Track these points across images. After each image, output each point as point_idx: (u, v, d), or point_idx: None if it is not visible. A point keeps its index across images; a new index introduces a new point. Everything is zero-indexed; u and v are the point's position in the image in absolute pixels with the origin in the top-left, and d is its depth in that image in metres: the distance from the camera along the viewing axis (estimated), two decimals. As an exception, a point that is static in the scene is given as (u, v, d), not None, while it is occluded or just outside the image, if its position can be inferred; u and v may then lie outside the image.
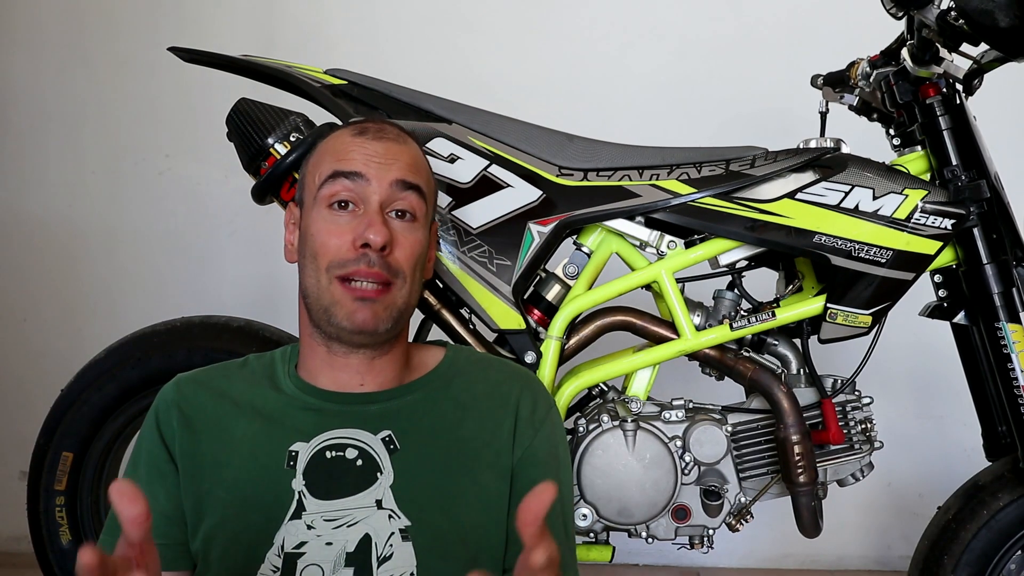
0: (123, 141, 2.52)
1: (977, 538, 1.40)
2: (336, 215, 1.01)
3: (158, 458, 1.02)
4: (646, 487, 1.40)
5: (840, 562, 2.49)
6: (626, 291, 1.45)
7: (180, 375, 1.08)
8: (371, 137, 1.05)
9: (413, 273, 1.03)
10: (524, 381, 1.11)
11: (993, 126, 1.56)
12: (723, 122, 2.42)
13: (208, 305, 1.91)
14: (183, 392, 1.05)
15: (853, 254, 1.36)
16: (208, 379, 1.07)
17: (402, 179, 1.02)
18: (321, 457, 0.99)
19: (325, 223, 1.02)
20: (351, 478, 0.99)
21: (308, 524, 0.97)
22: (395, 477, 0.99)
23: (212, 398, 1.04)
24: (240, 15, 2.52)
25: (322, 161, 1.05)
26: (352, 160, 1.02)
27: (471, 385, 1.08)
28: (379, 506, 0.98)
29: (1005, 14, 1.19)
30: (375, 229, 0.98)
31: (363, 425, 1.02)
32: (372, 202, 1.01)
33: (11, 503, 1.95)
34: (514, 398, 1.07)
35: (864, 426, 1.44)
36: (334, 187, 1.01)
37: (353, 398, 1.04)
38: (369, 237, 0.98)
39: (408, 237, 1.03)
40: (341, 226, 1.01)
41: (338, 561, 0.96)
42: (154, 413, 1.04)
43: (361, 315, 0.99)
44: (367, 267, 0.99)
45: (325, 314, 1.01)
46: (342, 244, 1.00)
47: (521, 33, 2.52)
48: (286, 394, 1.05)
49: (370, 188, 1.01)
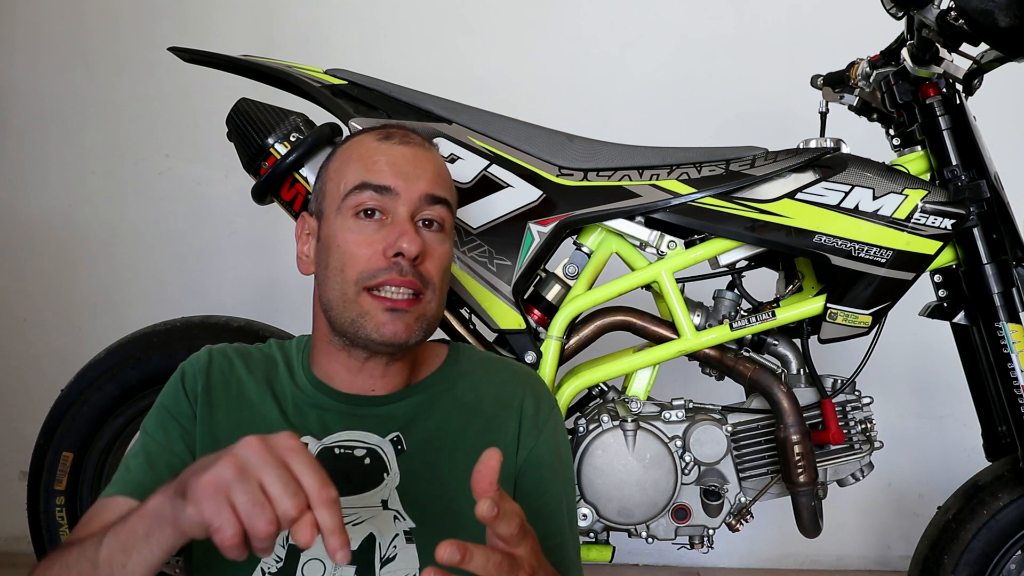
0: (123, 141, 2.52)
1: (977, 538, 1.40)
2: (363, 224, 0.99)
3: (180, 411, 1.01)
4: (646, 487, 1.40)
5: (840, 562, 2.49)
6: (626, 291, 1.45)
7: (210, 346, 1.08)
8: (397, 142, 1.02)
9: (442, 284, 1.02)
10: (527, 382, 1.11)
11: (993, 126, 1.56)
12: (723, 122, 2.42)
13: (208, 305, 1.91)
14: (213, 361, 1.05)
15: (853, 254, 1.36)
16: (237, 355, 1.07)
17: (430, 193, 1.00)
18: (329, 454, 1.00)
19: (353, 233, 0.99)
20: (358, 476, 0.98)
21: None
22: (401, 479, 0.99)
23: (238, 375, 1.04)
24: (240, 15, 2.52)
25: (347, 170, 1.02)
26: (380, 171, 1.00)
27: (475, 387, 1.08)
28: (384, 506, 0.98)
29: (1005, 14, 1.19)
30: (408, 238, 0.97)
31: (372, 428, 1.02)
32: (401, 212, 0.99)
33: (11, 503, 1.96)
34: (518, 400, 1.07)
35: (864, 426, 1.44)
36: (361, 197, 0.99)
37: (364, 400, 1.03)
38: (403, 246, 0.96)
39: (438, 248, 1.01)
40: (370, 236, 0.99)
41: None
42: (180, 373, 1.04)
43: (391, 327, 0.97)
44: (399, 275, 0.97)
45: (352, 326, 0.99)
46: (372, 254, 0.98)
47: (521, 33, 2.52)
48: (300, 389, 1.05)
49: (399, 200, 0.99)
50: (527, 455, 1.05)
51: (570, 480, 1.11)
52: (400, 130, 1.06)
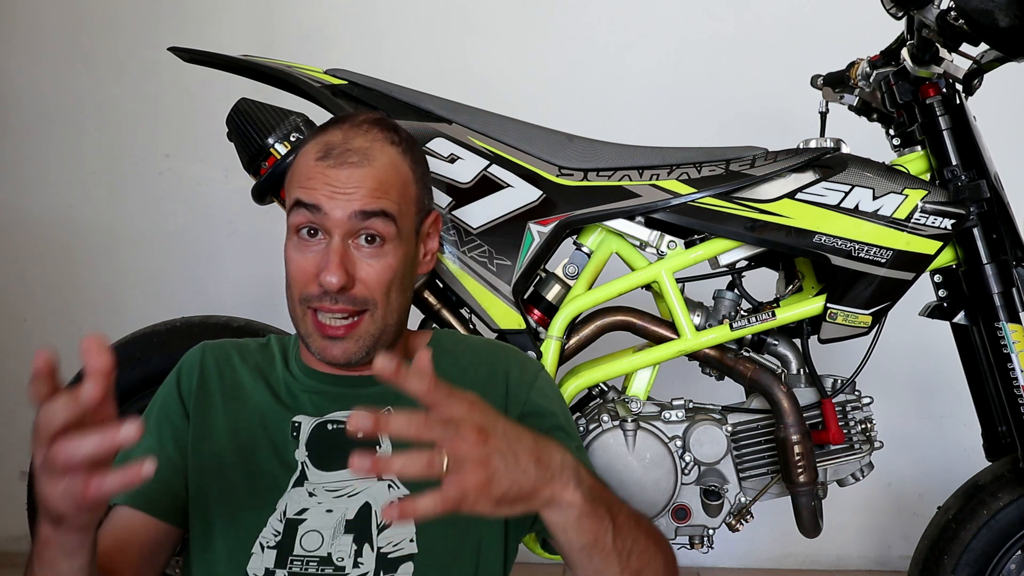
0: (123, 141, 2.52)
1: (977, 538, 1.40)
2: (303, 243, 1.01)
3: (172, 411, 1.05)
4: (646, 487, 1.40)
5: (840, 562, 2.49)
6: (626, 291, 1.45)
7: (206, 342, 1.12)
8: (332, 164, 1.00)
9: (386, 296, 1.02)
10: (509, 351, 1.16)
11: (993, 126, 1.55)
12: (723, 122, 2.42)
13: (208, 305, 1.91)
14: (207, 357, 1.09)
15: (853, 254, 1.36)
16: (234, 350, 1.11)
17: (362, 210, 0.99)
18: (323, 429, 1.03)
19: (294, 251, 1.02)
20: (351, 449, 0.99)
21: (310, 492, 1.00)
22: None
23: (232, 368, 1.08)
24: (240, 15, 2.52)
25: (292, 184, 1.04)
26: (312, 191, 0.99)
27: (458, 360, 1.11)
28: (378, 477, 1.00)
29: (1005, 14, 1.19)
30: (330, 271, 0.97)
31: (363, 406, 1.03)
32: (334, 236, 0.99)
33: (11, 503, 1.96)
34: (501, 366, 1.11)
35: (864, 426, 1.44)
36: (298, 217, 1.01)
37: (353, 381, 1.06)
38: (325, 279, 0.98)
39: (375, 265, 1.01)
40: (308, 258, 1.01)
41: (338, 527, 0.98)
42: (176, 371, 1.09)
43: (331, 351, 1.02)
44: (331, 304, 1.00)
45: (305, 340, 1.04)
46: (307, 278, 1.01)
47: (521, 33, 2.52)
48: (292, 375, 1.09)
49: (330, 221, 0.99)
50: (521, 410, 1.06)
51: (574, 435, 1.09)
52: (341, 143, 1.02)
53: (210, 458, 1.02)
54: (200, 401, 1.05)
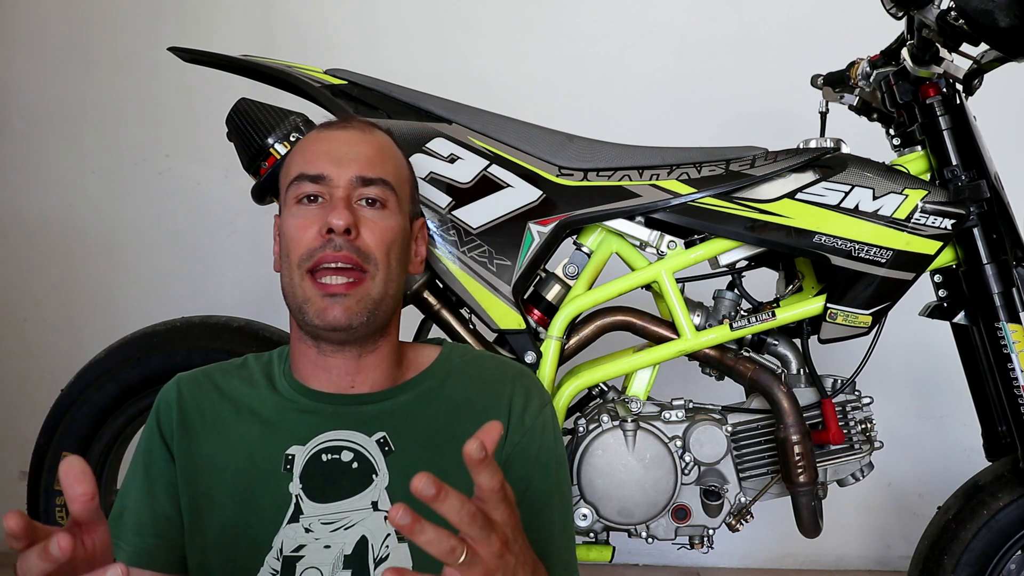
0: (123, 141, 2.52)
1: (977, 538, 1.40)
2: (304, 209, 1.01)
3: (158, 457, 1.03)
4: (646, 487, 1.40)
5: (840, 562, 2.49)
6: (626, 291, 1.45)
7: (180, 375, 1.08)
8: (335, 129, 1.05)
9: (387, 260, 1.01)
10: (518, 378, 1.09)
11: (993, 126, 1.56)
12: (723, 122, 2.42)
13: (208, 305, 1.91)
14: (183, 392, 1.05)
15: (853, 254, 1.37)
16: (207, 379, 1.06)
17: (362, 175, 1.01)
18: (317, 460, 0.99)
19: (295, 218, 1.01)
20: (347, 481, 0.98)
21: (306, 527, 0.97)
22: (390, 479, 0.99)
23: (211, 399, 1.04)
24: (240, 15, 2.52)
25: (290, 166, 1.05)
26: (314, 161, 1.02)
27: (465, 384, 1.07)
28: (375, 508, 0.98)
29: (1005, 14, 1.19)
30: (337, 213, 0.98)
31: (357, 427, 1.01)
32: (336, 194, 1.00)
33: (11, 503, 1.96)
34: (507, 396, 1.06)
35: (864, 426, 1.44)
36: (300, 188, 1.01)
37: (346, 399, 1.03)
38: (332, 222, 0.97)
39: (378, 222, 1.01)
40: (309, 218, 1.00)
41: (336, 564, 0.96)
42: (155, 413, 1.05)
43: (332, 312, 0.98)
44: (334, 251, 0.97)
45: (299, 312, 1.00)
46: (311, 235, 0.99)
47: (521, 33, 2.52)
48: (282, 396, 1.04)
49: (332, 184, 1.00)
50: (511, 451, 1.03)
51: (564, 480, 1.08)
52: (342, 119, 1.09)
53: (202, 499, 1.00)
54: (183, 441, 1.02)
